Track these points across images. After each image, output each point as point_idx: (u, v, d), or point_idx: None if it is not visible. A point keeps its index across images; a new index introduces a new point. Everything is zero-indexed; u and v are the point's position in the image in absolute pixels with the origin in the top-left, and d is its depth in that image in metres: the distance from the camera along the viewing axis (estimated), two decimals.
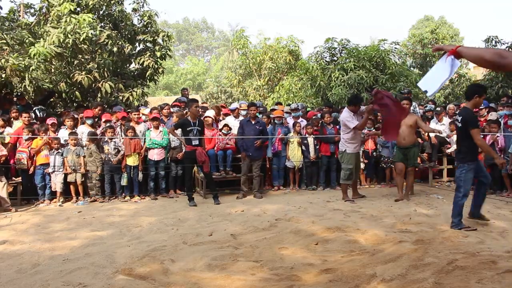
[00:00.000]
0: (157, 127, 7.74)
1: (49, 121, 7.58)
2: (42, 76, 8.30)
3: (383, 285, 3.06)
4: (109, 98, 9.38)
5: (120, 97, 9.46)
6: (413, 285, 3.03)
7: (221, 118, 8.72)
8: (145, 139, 7.69)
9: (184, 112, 8.20)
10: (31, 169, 7.15)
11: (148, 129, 7.86)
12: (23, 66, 7.42)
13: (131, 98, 9.32)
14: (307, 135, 8.39)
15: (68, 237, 4.79)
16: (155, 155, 7.66)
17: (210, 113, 8.49)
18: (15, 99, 8.88)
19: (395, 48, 11.79)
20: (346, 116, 6.74)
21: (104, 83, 8.88)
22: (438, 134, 7.75)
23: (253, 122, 7.56)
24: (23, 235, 4.96)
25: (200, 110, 8.17)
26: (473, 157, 4.74)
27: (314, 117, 9.03)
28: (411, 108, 9.25)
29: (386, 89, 10.42)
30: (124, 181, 7.47)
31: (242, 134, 7.55)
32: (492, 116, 8.07)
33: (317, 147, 8.35)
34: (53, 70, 8.90)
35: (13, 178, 7.34)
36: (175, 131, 7.10)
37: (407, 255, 3.69)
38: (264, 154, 7.93)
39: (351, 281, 3.17)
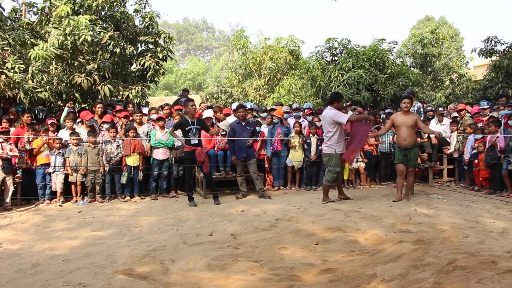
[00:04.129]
0: (162, 127, 7.76)
1: (49, 121, 7.59)
2: (40, 82, 8.19)
3: (383, 285, 3.06)
4: (110, 100, 9.35)
5: (120, 96, 9.45)
6: (413, 285, 3.03)
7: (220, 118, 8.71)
8: (149, 139, 7.71)
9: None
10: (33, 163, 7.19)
11: (153, 128, 7.88)
12: (17, 80, 7.32)
13: (130, 95, 9.31)
14: (310, 135, 8.38)
15: (68, 237, 4.79)
16: (160, 154, 7.68)
17: (209, 113, 8.49)
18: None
19: (394, 47, 11.80)
20: (333, 113, 6.41)
21: (103, 86, 8.85)
22: (437, 135, 7.74)
23: (243, 124, 7.55)
24: (23, 235, 4.96)
25: (199, 109, 8.17)
26: None
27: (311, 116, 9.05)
28: (415, 108, 9.30)
29: (384, 87, 10.42)
30: (123, 179, 7.47)
31: (233, 136, 7.47)
32: (493, 115, 8.08)
33: (320, 147, 8.35)
34: (52, 74, 8.83)
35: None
36: (174, 132, 7.11)
37: (407, 255, 3.68)
38: (257, 154, 7.88)
39: (351, 281, 3.17)
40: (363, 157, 8.60)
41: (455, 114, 9.05)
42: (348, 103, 10.23)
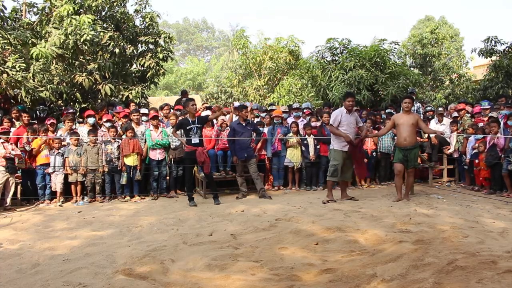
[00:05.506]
0: (156, 127, 7.74)
1: (48, 121, 7.58)
2: (41, 81, 8.18)
3: (383, 285, 3.06)
4: (109, 99, 9.36)
5: (120, 96, 9.45)
6: (413, 285, 3.03)
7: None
8: (145, 139, 7.69)
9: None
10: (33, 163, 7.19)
11: (148, 128, 7.86)
12: (19, 78, 7.33)
13: (130, 96, 9.31)
14: (306, 136, 8.38)
15: (68, 237, 4.79)
16: (157, 154, 7.67)
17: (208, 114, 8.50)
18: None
19: (395, 48, 11.79)
20: (335, 112, 6.85)
21: (104, 85, 8.86)
22: (440, 135, 7.73)
23: (244, 124, 7.55)
24: (23, 234, 4.96)
25: (199, 109, 8.16)
26: None
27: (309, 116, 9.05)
28: (414, 108, 9.30)
29: (385, 88, 10.43)
30: (123, 180, 7.47)
31: (234, 136, 7.46)
32: (492, 116, 8.08)
33: (318, 147, 8.35)
34: (53, 73, 8.83)
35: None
36: (176, 132, 7.10)
37: (407, 255, 3.68)
38: (257, 154, 7.94)
39: (351, 281, 3.17)
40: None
41: (455, 114, 9.05)
42: None
